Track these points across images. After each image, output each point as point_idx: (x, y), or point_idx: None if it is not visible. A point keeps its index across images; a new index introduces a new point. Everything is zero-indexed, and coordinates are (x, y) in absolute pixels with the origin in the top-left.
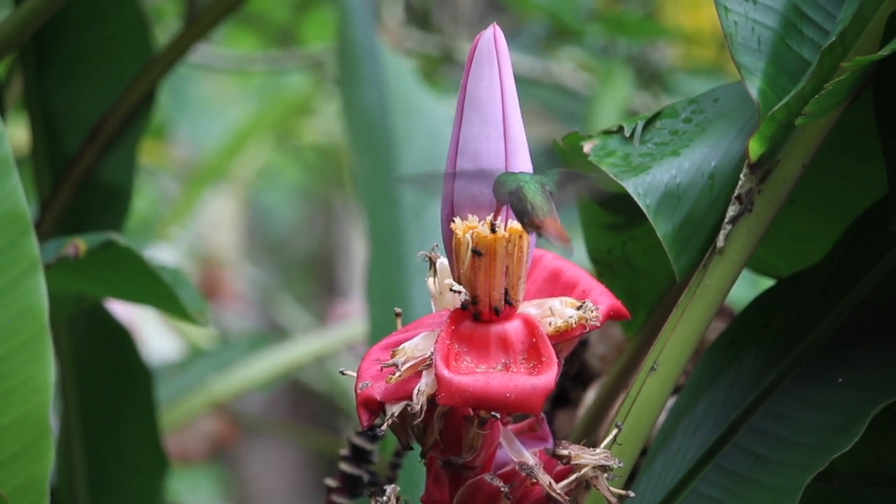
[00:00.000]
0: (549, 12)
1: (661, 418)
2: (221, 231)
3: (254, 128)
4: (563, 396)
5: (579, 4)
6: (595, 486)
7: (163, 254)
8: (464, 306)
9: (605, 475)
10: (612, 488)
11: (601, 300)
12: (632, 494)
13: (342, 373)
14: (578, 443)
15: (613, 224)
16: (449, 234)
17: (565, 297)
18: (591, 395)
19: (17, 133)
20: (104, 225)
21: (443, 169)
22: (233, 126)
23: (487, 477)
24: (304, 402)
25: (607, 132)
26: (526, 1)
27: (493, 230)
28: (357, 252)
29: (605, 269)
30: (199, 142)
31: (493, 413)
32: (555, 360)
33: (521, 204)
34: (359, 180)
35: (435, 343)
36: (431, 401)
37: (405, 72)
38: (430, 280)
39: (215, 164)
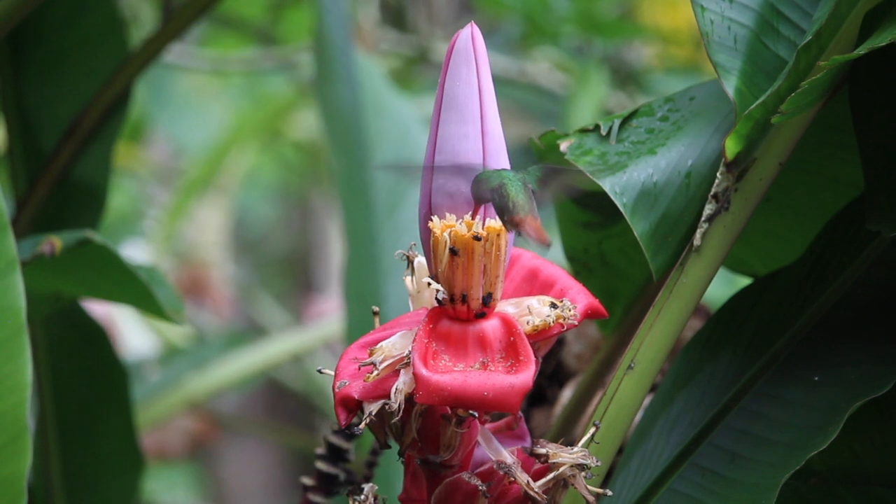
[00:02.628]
0: (523, 13)
1: (638, 417)
2: (208, 235)
3: (238, 135)
4: (539, 395)
5: (552, 5)
6: (573, 484)
7: (146, 253)
8: (441, 304)
9: (583, 474)
10: (589, 487)
11: (578, 299)
12: (609, 493)
13: (320, 371)
14: (555, 441)
15: (590, 222)
16: (427, 233)
17: (543, 296)
18: (567, 394)
19: None
20: (80, 223)
21: (415, 162)
22: (215, 129)
23: (465, 475)
24: (281, 400)
25: (584, 131)
26: (498, 2)
27: (476, 238)
28: (334, 250)
29: (581, 267)
30: (178, 140)
31: (470, 412)
32: (532, 358)
33: (503, 201)
34: (336, 178)
35: (413, 342)
36: (409, 399)
37: (375, 72)
38: (408, 279)
39: (202, 173)
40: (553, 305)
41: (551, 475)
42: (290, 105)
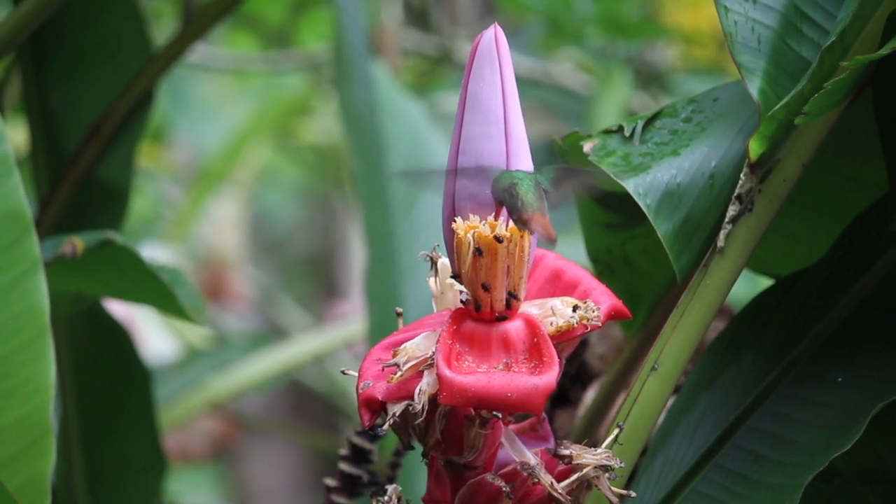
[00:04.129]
0: (545, 15)
1: (661, 418)
2: (225, 232)
3: (253, 130)
4: (563, 396)
5: (575, 6)
6: (596, 485)
7: (160, 253)
8: (465, 305)
9: (607, 475)
10: (613, 488)
11: (602, 300)
12: (633, 494)
13: (343, 372)
14: (579, 442)
15: (613, 223)
16: (450, 234)
17: (566, 297)
18: (591, 395)
19: (16, 133)
20: (103, 224)
21: (429, 167)
22: (232, 128)
23: (489, 477)
24: (304, 401)
25: (607, 132)
26: (521, 3)
27: (499, 240)
28: (357, 252)
29: (604, 268)
30: (199, 143)
31: (494, 413)
32: (556, 359)
33: (513, 200)
34: (356, 180)
35: (436, 343)
36: (433, 400)
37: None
38: (432, 280)
39: (217, 168)
40: (576, 307)
41: (575, 476)
42: (304, 101)
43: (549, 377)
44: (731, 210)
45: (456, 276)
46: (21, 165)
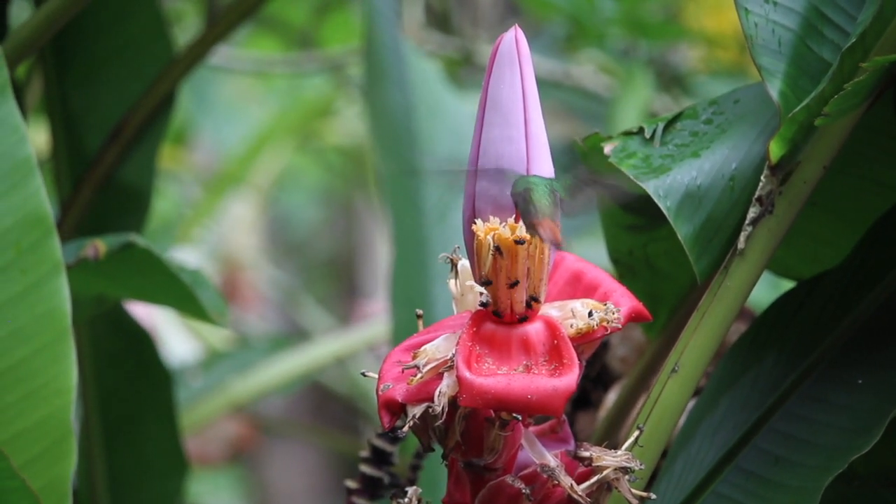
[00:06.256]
0: (569, 15)
1: (682, 420)
2: (242, 233)
3: (274, 131)
4: (584, 398)
5: (599, 6)
6: (617, 487)
7: (184, 256)
8: (485, 307)
9: (627, 477)
10: (633, 490)
11: (622, 302)
12: (653, 496)
13: (363, 374)
14: (599, 444)
15: (634, 225)
16: (470, 236)
17: (587, 299)
18: (612, 397)
19: (37, 135)
20: (124, 226)
21: (462, 165)
22: (254, 129)
23: (509, 478)
24: (326, 403)
25: (628, 133)
26: (545, 3)
27: (519, 242)
28: (379, 253)
29: (625, 270)
30: (223, 144)
31: (514, 415)
32: (576, 361)
33: (525, 205)
34: (383, 182)
35: (456, 345)
36: (453, 402)
37: (430, 72)
38: (452, 282)
39: (236, 168)
40: (596, 309)
41: (595, 478)
42: (327, 103)
43: (569, 379)
44: (752, 212)
45: (483, 282)
46: (42, 167)
